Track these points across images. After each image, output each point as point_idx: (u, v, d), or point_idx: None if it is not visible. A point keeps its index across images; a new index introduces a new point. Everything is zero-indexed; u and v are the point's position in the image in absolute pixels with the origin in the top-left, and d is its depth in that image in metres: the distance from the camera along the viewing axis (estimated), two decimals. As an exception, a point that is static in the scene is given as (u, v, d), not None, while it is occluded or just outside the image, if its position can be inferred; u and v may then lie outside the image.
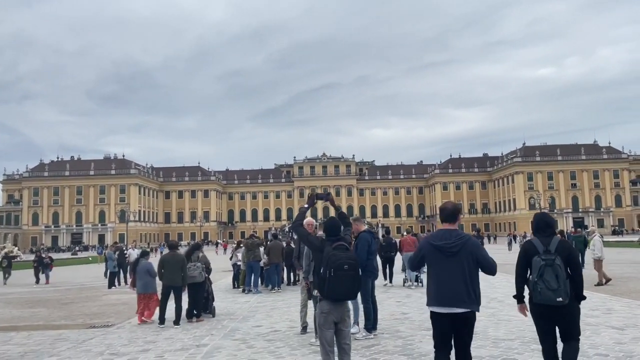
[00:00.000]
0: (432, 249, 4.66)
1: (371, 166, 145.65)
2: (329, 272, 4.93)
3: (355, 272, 4.95)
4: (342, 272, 4.87)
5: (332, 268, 4.90)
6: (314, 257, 5.44)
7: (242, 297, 15.04)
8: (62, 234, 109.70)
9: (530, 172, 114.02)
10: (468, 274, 4.50)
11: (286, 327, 9.48)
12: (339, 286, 4.88)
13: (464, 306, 4.46)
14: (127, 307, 14.07)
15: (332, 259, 4.95)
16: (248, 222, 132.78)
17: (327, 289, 4.93)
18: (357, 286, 4.99)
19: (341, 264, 4.91)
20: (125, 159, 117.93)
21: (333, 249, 5.05)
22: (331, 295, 4.93)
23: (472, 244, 4.59)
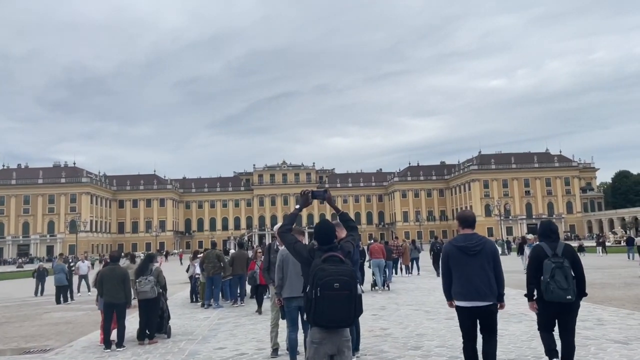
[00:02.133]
0: (456, 250, 5.43)
1: (331, 174, 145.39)
2: (315, 291, 3.88)
3: (350, 291, 3.81)
4: (332, 291, 3.77)
5: (319, 286, 3.82)
6: (302, 271, 4.34)
7: (201, 312, 13.73)
8: (8, 246, 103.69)
9: (486, 179, 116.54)
10: (488, 271, 5.28)
11: (253, 348, 8.33)
12: (328, 309, 3.78)
13: (487, 299, 5.24)
14: (69, 327, 12.52)
15: (318, 274, 3.86)
16: (206, 231, 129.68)
17: (314, 312, 3.84)
18: (353, 309, 3.86)
19: (330, 281, 3.80)
20: (76, 167, 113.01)
21: (322, 261, 3.94)
22: (319, 320, 3.84)
23: (490, 245, 5.45)
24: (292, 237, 4.38)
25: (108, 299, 9.08)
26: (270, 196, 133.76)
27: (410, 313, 11.42)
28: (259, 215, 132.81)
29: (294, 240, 4.35)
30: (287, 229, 4.47)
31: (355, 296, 3.86)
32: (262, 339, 9.13)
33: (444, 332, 8.82)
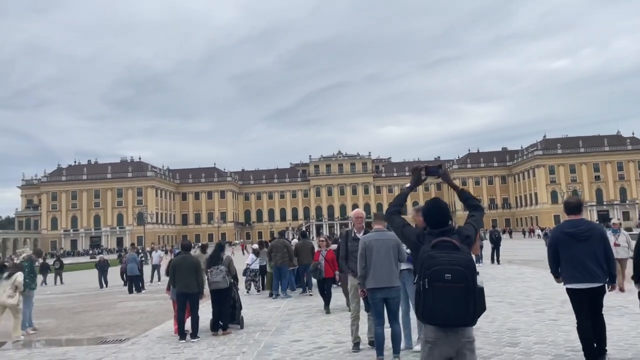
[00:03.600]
0: (564, 236, 5.68)
1: (387, 163, 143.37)
2: (423, 283, 3.28)
3: (465, 283, 3.19)
4: (442, 283, 3.18)
5: (426, 277, 3.24)
6: (412, 257, 3.75)
7: (271, 302, 13.52)
8: (81, 238, 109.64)
9: (551, 165, 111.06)
10: (599, 254, 5.53)
11: (331, 342, 7.89)
12: (439, 304, 3.18)
13: (597, 281, 5.53)
14: (143, 317, 12.64)
15: (426, 263, 3.27)
16: (265, 222, 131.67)
17: (423, 307, 3.26)
18: (471, 305, 3.21)
19: (439, 271, 3.20)
20: (141, 162, 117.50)
21: (432, 247, 3.34)
22: (428, 317, 3.25)
23: (599, 229, 5.78)
24: (400, 220, 3.81)
25: (181, 289, 8.92)
26: (327, 186, 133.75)
27: (493, 305, 10.62)
28: (316, 206, 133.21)
29: (402, 224, 3.78)
30: (396, 210, 3.91)
31: (474, 290, 3.20)
32: (338, 331, 8.69)
33: (539, 327, 8.03)
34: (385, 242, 6.19)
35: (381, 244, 6.17)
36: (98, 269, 23.65)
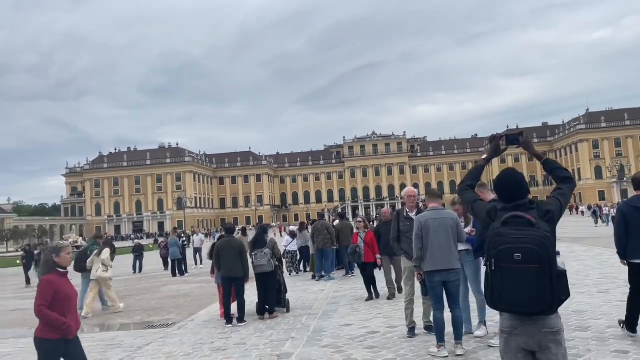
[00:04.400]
0: (633, 210, 5.74)
1: (423, 142, 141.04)
2: (490, 263, 2.84)
3: (539, 264, 2.70)
4: (511, 264, 2.73)
5: (493, 257, 2.80)
6: (484, 235, 3.30)
7: (314, 284, 13.29)
8: (124, 223, 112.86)
9: (595, 139, 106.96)
10: None
11: (383, 326, 7.54)
12: (508, 288, 2.74)
13: None
14: (188, 300, 12.63)
15: (493, 241, 2.83)
16: (301, 204, 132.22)
17: (491, 292, 2.83)
18: (549, 290, 2.73)
19: (507, 250, 2.74)
20: (179, 148, 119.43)
21: (502, 223, 2.88)
22: (497, 302, 2.82)
23: None
24: (472, 195, 3.35)
25: (226, 273, 8.74)
26: (362, 168, 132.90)
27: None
28: (351, 187, 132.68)
29: (473, 199, 3.32)
30: (469, 185, 3.45)
31: (551, 272, 2.71)
32: (389, 315, 8.35)
33: (607, 309, 7.47)
34: (442, 221, 5.76)
35: (438, 223, 5.74)
36: (133, 254, 23.69)
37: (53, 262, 4.47)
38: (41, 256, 5.02)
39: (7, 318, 12.12)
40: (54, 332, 4.32)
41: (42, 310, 4.28)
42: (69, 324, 4.35)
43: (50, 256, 4.47)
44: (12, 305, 14.60)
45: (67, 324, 4.33)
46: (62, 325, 4.30)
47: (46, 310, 4.28)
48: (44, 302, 4.30)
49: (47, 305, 4.30)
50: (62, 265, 4.50)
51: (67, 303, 4.42)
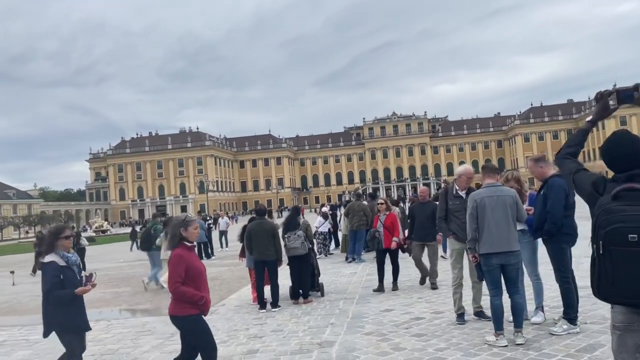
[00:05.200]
0: None
1: (444, 122, 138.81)
2: (597, 246, 2.34)
3: None
4: (624, 247, 2.23)
5: (601, 239, 2.31)
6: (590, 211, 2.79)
7: (345, 267, 12.92)
8: (147, 207, 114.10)
9: (623, 115, 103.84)
10: None
11: (428, 312, 7.11)
12: (621, 276, 2.25)
13: None
14: (217, 284, 12.36)
15: (601, 219, 2.32)
16: (321, 186, 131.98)
17: (598, 280, 2.34)
18: None
19: (620, 230, 2.24)
20: (199, 132, 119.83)
21: (612, 198, 2.37)
22: (605, 292, 2.33)
23: None
24: (573, 164, 2.80)
25: (258, 256, 8.38)
26: (382, 149, 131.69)
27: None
28: (372, 169, 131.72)
29: (574, 168, 2.77)
30: (570, 152, 2.90)
31: None
32: (431, 299, 7.91)
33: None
34: (500, 199, 5.25)
35: (496, 201, 5.23)
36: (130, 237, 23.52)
37: (181, 235, 4.23)
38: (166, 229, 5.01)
39: (36, 303, 11.99)
40: (192, 308, 4.11)
41: (177, 287, 4.05)
42: (206, 298, 4.15)
43: (178, 230, 4.23)
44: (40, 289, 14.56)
45: (205, 299, 4.14)
46: (200, 300, 4.10)
47: (181, 287, 4.06)
48: (178, 278, 4.06)
49: (182, 281, 4.06)
50: (189, 239, 4.29)
51: (199, 278, 4.20)
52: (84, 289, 4.65)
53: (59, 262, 4.58)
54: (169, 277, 4.12)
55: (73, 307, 4.63)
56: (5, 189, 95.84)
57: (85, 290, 4.65)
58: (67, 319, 4.58)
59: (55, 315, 4.57)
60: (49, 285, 4.49)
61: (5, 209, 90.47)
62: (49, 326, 4.66)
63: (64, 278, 4.54)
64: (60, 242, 4.66)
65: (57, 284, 4.49)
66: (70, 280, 4.59)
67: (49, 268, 4.55)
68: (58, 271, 4.52)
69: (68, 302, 4.53)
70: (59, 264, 4.57)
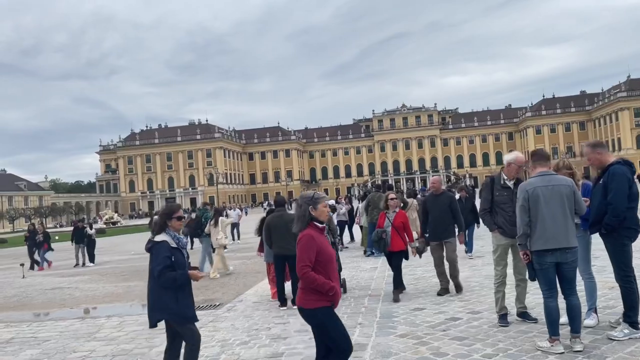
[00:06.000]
0: None
1: (455, 114, 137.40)
2: None
3: None
4: None
5: None
6: None
7: (364, 261, 12.45)
8: (157, 199, 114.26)
9: (637, 107, 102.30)
10: None
11: (464, 311, 6.59)
12: None
13: None
14: (232, 278, 11.93)
15: None
16: (330, 179, 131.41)
17: None
18: None
19: None
20: (209, 124, 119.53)
21: None
22: None
23: None
24: None
25: (278, 250, 7.90)
26: (392, 141, 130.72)
27: None
28: (381, 161, 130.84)
29: None
30: None
31: None
32: (465, 298, 7.40)
33: None
34: (556, 189, 4.70)
35: (551, 192, 4.68)
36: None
37: (310, 214, 3.75)
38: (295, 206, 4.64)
39: (45, 297, 11.68)
40: (322, 299, 3.61)
41: (306, 272, 3.56)
42: (336, 289, 3.64)
43: (307, 208, 3.75)
44: (50, 283, 14.24)
45: (335, 290, 3.63)
46: (330, 291, 3.59)
47: (311, 272, 3.56)
48: (308, 262, 3.58)
49: (312, 265, 3.58)
50: (320, 219, 3.79)
51: (330, 265, 3.69)
52: (199, 274, 4.37)
53: (171, 243, 4.26)
54: (298, 260, 3.61)
55: (185, 293, 4.28)
56: (16, 180, 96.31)
57: (200, 276, 4.37)
58: (180, 306, 4.22)
59: (167, 301, 4.19)
60: (162, 266, 4.14)
61: (16, 200, 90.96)
62: (159, 313, 4.28)
63: (174, 260, 4.20)
64: (173, 223, 4.38)
65: (169, 266, 4.15)
66: (179, 263, 4.25)
67: (161, 248, 4.22)
68: (170, 252, 4.20)
69: (179, 287, 4.21)
70: (170, 245, 4.25)
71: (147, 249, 4.38)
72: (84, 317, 8.81)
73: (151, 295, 4.32)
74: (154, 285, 4.25)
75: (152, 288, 4.29)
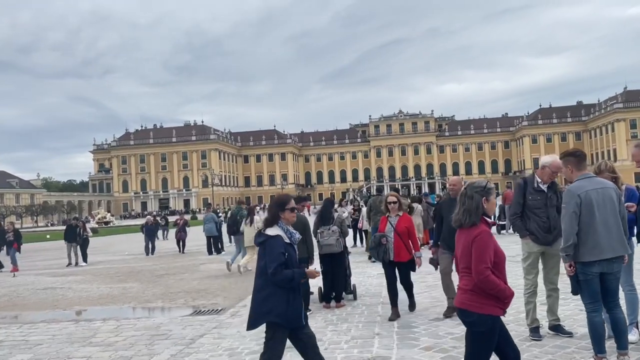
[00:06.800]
0: None
1: (451, 121, 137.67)
2: None
3: None
4: None
5: None
6: None
7: (370, 267, 12.04)
8: (150, 200, 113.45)
9: (633, 118, 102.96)
10: None
11: (488, 322, 6.17)
12: None
13: None
14: (232, 282, 11.47)
15: None
16: (325, 183, 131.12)
17: None
18: None
19: None
20: (204, 125, 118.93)
21: None
22: None
23: None
24: None
25: (288, 254, 7.45)
26: (388, 147, 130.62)
27: None
28: (377, 167, 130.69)
29: None
30: None
31: None
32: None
33: None
34: (606, 192, 4.29)
35: (602, 197, 4.27)
36: (145, 233, 20.60)
37: (483, 207, 3.27)
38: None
39: (37, 298, 11.15)
40: (499, 306, 3.18)
41: (487, 275, 3.10)
42: (511, 297, 3.21)
43: (480, 200, 3.28)
44: (42, 282, 13.70)
45: (510, 298, 3.19)
46: (507, 299, 3.17)
47: (492, 275, 3.12)
48: (489, 263, 3.14)
49: (492, 267, 3.14)
50: (489, 214, 3.33)
51: (502, 267, 3.25)
52: (316, 272, 4.02)
53: (284, 238, 3.86)
54: (476, 261, 3.14)
55: (296, 294, 3.86)
56: (8, 178, 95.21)
57: (317, 273, 4.00)
58: (290, 308, 3.79)
59: (277, 302, 3.76)
60: (276, 263, 3.72)
61: (8, 198, 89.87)
62: (264, 315, 3.83)
63: (287, 257, 3.81)
64: (285, 215, 3.98)
65: (282, 263, 3.75)
66: (292, 260, 3.85)
67: (275, 243, 3.81)
68: (284, 248, 3.81)
69: (292, 288, 3.81)
70: (284, 240, 3.85)
71: (258, 242, 3.94)
72: (78, 320, 8.30)
73: (258, 294, 3.88)
74: (264, 283, 3.82)
75: (261, 286, 3.85)
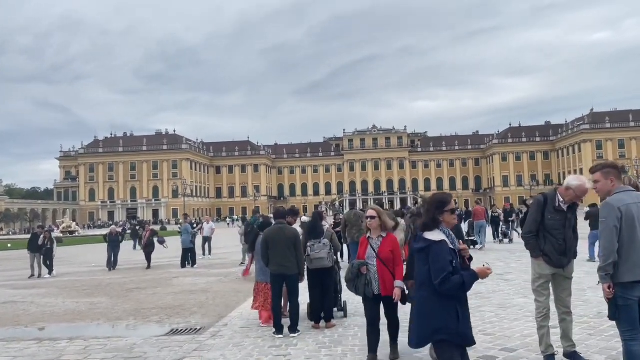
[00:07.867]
0: None
1: (424, 137, 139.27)
2: None
3: None
4: None
5: None
6: None
7: (354, 284, 11.52)
8: (118, 209, 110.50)
9: (599, 139, 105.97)
10: None
11: (495, 348, 5.73)
12: None
13: None
14: (209, 297, 10.81)
15: None
16: (298, 196, 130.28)
17: None
18: None
19: None
20: (176, 135, 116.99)
21: None
22: None
23: None
24: None
25: (277, 269, 6.88)
26: (361, 161, 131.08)
27: None
28: (350, 181, 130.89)
29: None
30: None
31: None
32: (485, 329, 6.58)
33: None
34: (643, 206, 3.94)
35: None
36: (108, 244, 18.80)
37: None
38: None
39: (11, 311, 10.23)
40: None
41: None
42: None
43: None
44: (2, 295, 12.71)
45: None
46: None
47: None
48: None
49: None
50: None
51: None
52: (487, 269, 3.40)
53: (449, 244, 3.41)
54: None
55: (465, 307, 3.40)
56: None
57: (488, 271, 3.41)
58: (461, 325, 3.32)
59: (447, 317, 3.29)
60: (446, 272, 3.28)
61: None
62: (436, 333, 3.32)
63: (455, 265, 3.36)
64: (445, 217, 3.54)
65: (451, 272, 3.31)
66: (458, 270, 3.37)
67: (441, 250, 3.37)
68: (450, 255, 3.36)
69: (460, 299, 3.36)
70: (449, 246, 3.40)
71: (419, 249, 3.46)
72: (41, 339, 7.53)
73: (423, 308, 3.41)
74: (431, 295, 3.35)
75: (426, 298, 3.39)
